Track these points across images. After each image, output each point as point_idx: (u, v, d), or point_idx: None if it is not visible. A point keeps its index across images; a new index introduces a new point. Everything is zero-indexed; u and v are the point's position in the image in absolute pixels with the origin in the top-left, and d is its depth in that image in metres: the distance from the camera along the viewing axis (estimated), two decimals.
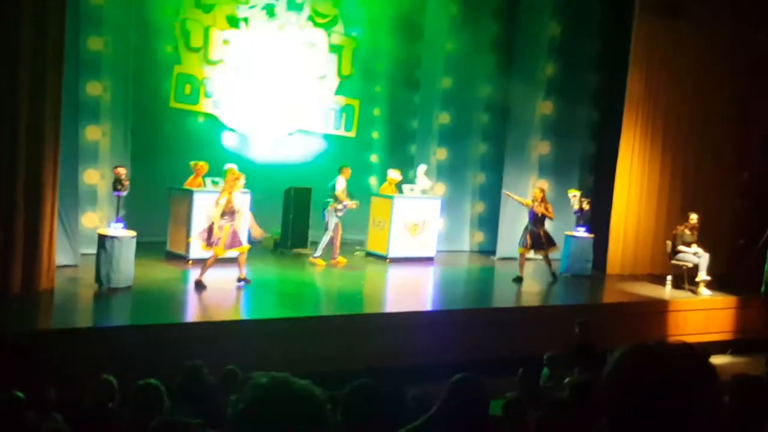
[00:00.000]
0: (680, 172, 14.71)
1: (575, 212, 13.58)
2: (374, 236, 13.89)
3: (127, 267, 9.95)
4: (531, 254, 12.99)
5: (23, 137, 9.33)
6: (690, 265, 13.00)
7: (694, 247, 13.07)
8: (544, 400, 6.59)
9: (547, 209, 12.62)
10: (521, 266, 12.73)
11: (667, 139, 14.53)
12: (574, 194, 13.56)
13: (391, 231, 13.56)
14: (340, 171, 12.90)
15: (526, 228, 12.76)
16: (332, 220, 12.80)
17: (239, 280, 10.72)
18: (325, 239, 12.82)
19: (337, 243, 13.02)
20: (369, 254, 13.81)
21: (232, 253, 10.69)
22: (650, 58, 14.22)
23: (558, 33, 14.96)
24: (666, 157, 14.56)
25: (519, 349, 10.22)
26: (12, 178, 9.27)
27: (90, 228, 11.74)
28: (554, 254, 13.20)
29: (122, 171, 10.43)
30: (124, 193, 10.47)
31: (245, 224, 11.17)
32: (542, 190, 12.85)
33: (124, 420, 4.37)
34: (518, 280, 12.64)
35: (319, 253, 12.82)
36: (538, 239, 12.68)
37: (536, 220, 12.64)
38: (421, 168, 14.10)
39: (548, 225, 12.91)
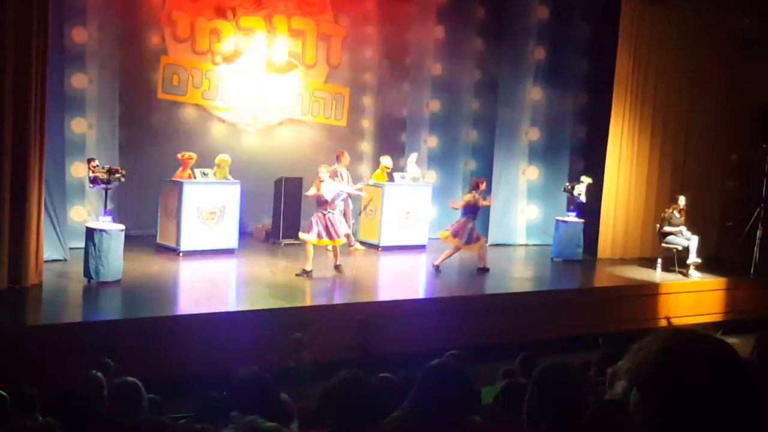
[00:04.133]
0: (670, 154, 14.73)
1: (577, 201, 13.56)
2: (366, 225, 13.88)
3: (116, 260, 9.91)
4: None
5: (8, 131, 9.27)
6: (680, 247, 13.03)
7: (683, 230, 13.08)
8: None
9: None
10: (447, 257, 12.22)
11: (656, 122, 14.53)
12: (588, 182, 13.49)
13: (382, 219, 13.56)
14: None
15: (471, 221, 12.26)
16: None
17: (335, 267, 11.47)
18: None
19: (348, 231, 13.21)
20: (361, 243, 13.79)
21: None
22: (638, 41, 14.20)
23: (546, 16, 14.92)
24: (655, 140, 14.56)
25: (513, 335, 10.28)
26: None
27: (78, 222, 11.68)
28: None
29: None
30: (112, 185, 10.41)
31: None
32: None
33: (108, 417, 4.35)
34: (436, 269, 12.17)
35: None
36: (472, 233, 12.16)
37: (476, 212, 12.29)
38: (412, 156, 14.11)
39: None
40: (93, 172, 10.18)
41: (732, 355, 1.67)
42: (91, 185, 10.44)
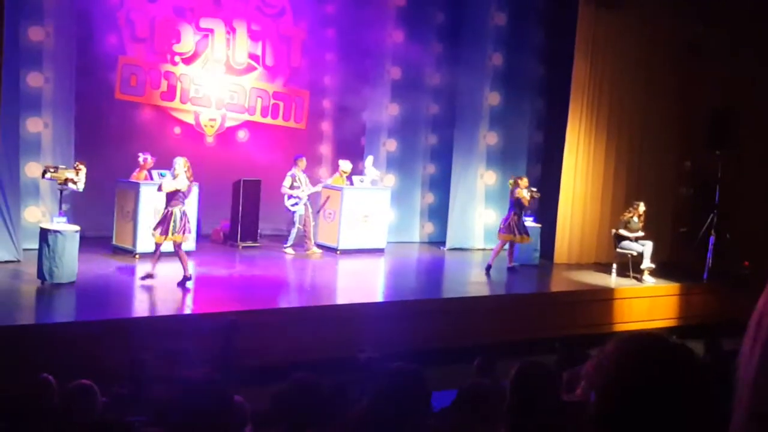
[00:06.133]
0: (625, 160, 14.92)
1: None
2: (324, 228, 13.86)
3: (70, 262, 9.79)
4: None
5: None
6: (634, 253, 13.20)
7: (640, 234, 13.26)
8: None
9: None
10: (495, 255, 12.94)
11: (611, 127, 14.72)
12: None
13: (341, 222, 13.56)
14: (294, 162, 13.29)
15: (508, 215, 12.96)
16: (296, 213, 13.21)
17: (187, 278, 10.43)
18: (293, 231, 13.28)
19: (309, 234, 13.20)
20: (319, 246, 13.78)
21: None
22: (594, 47, 14.38)
23: (504, 23, 15.05)
24: (611, 145, 14.75)
25: (469, 339, 10.33)
26: None
27: (33, 222, 11.52)
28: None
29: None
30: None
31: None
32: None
33: (61, 420, 4.31)
34: (488, 268, 12.81)
35: (288, 243, 13.28)
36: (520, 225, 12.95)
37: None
38: (369, 159, 14.14)
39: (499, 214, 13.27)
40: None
41: (689, 360, 1.70)
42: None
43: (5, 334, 7.98)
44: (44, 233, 9.74)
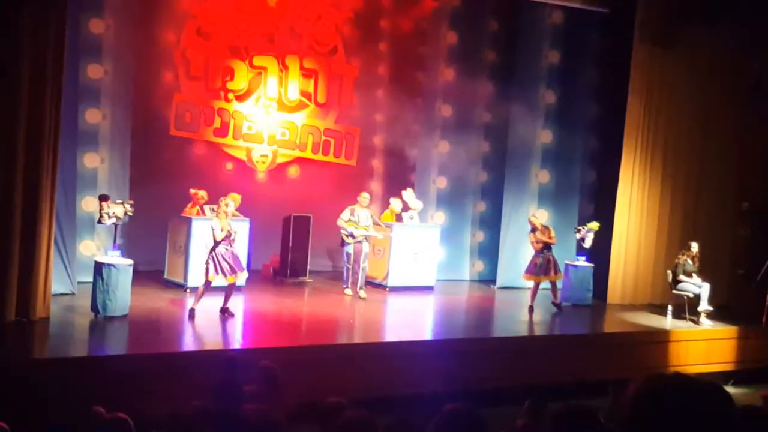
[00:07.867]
0: (680, 200, 14.69)
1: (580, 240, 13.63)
2: (374, 264, 13.83)
3: (123, 295, 9.89)
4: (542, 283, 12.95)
5: (21, 164, 9.33)
6: (691, 294, 12.93)
7: (695, 277, 13.02)
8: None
9: (550, 237, 12.69)
10: (533, 295, 12.77)
11: (666, 167, 14.52)
12: (594, 229, 13.56)
13: (390, 259, 13.52)
14: None
15: (533, 256, 12.78)
16: (344, 251, 12.94)
17: (224, 311, 10.57)
18: (345, 270, 12.98)
19: (349, 274, 12.87)
20: (368, 282, 13.75)
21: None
22: (649, 86, 14.25)
23: (557, 61, 15.00)
24: (666, 185, 14.54)
25: (520, 380, 10.17)
26: (8, 206, 9.25)
27: (88, 256, 11.71)
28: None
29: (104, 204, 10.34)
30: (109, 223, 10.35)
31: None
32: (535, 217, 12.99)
33: None
34: (530, 309, 12.64)
35: (344, 284, 12.95)
36: (546, 264, 12.70)
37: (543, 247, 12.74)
38: (409, 191, 14.04)
39: (523, 255, 13.22)
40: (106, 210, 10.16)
41: (713, 401, 1.67)
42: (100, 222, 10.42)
43: (59, 365, 8.05)
44: (98, 266, 9.86)
